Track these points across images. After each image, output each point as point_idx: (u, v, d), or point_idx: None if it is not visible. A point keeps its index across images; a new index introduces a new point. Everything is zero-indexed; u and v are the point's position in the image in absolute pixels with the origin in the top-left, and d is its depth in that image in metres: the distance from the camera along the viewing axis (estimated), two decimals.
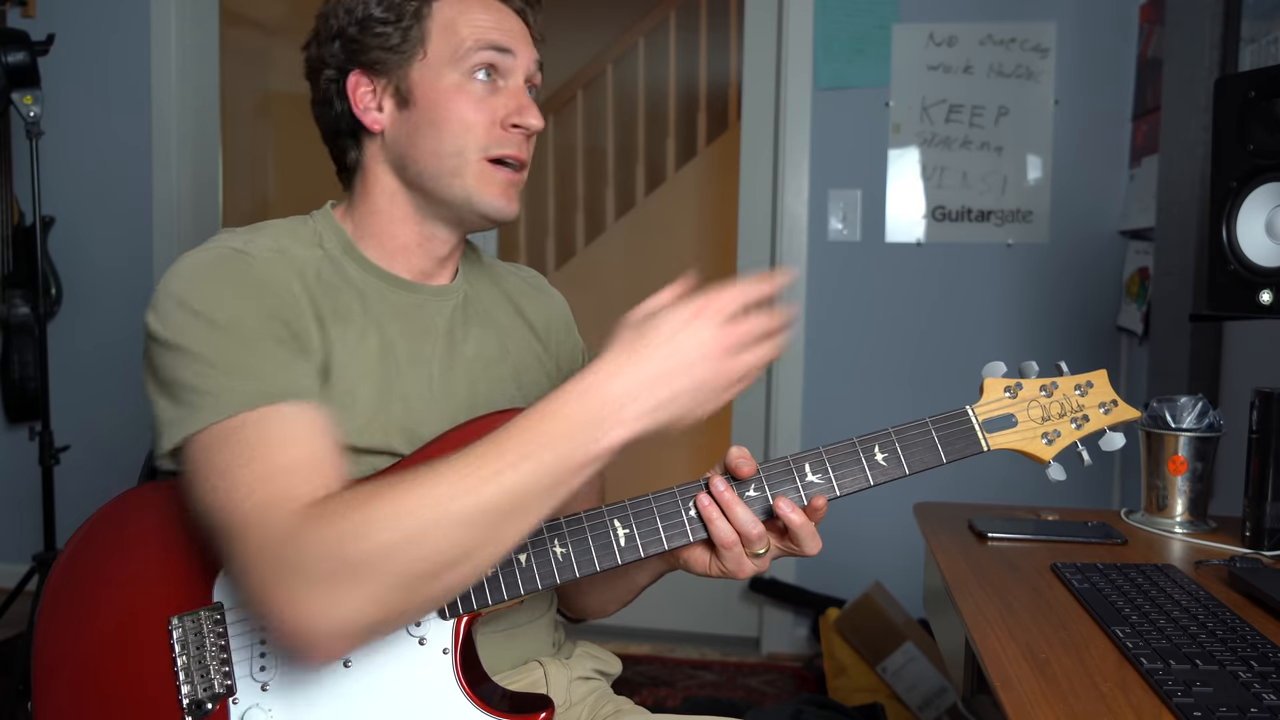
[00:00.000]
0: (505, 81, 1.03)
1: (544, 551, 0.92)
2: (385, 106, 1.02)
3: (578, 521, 0.92)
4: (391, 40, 1.00)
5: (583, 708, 1.10)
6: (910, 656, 2.30)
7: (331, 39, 1.03)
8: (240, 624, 0.91)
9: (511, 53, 1.02)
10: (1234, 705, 0.76)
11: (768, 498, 0.93)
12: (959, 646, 1.16)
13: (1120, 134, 2.60)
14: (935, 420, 0.95)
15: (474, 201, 1.01)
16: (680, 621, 2.96)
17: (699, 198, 4.00)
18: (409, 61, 1.01)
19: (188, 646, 0.90)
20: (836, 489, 0.93)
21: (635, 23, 4.23)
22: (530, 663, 1.08)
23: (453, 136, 1.00)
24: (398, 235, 1.05)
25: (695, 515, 0.93)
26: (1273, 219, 1.25)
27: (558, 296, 1.24)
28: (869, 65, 2.69)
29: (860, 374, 2.76)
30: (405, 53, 1.01)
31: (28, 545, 2.82)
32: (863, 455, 0.93)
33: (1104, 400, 0.98)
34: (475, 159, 1.00)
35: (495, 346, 1.10)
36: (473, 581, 0.85)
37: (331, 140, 1.08)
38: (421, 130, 1.01)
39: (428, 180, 1.02)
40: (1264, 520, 1.25)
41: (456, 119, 1.00)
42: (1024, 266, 2.67)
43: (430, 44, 1.01)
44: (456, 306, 1.09)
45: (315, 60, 1.05)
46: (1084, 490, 2.57)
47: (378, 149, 1.04)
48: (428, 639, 0.91)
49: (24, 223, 2.97)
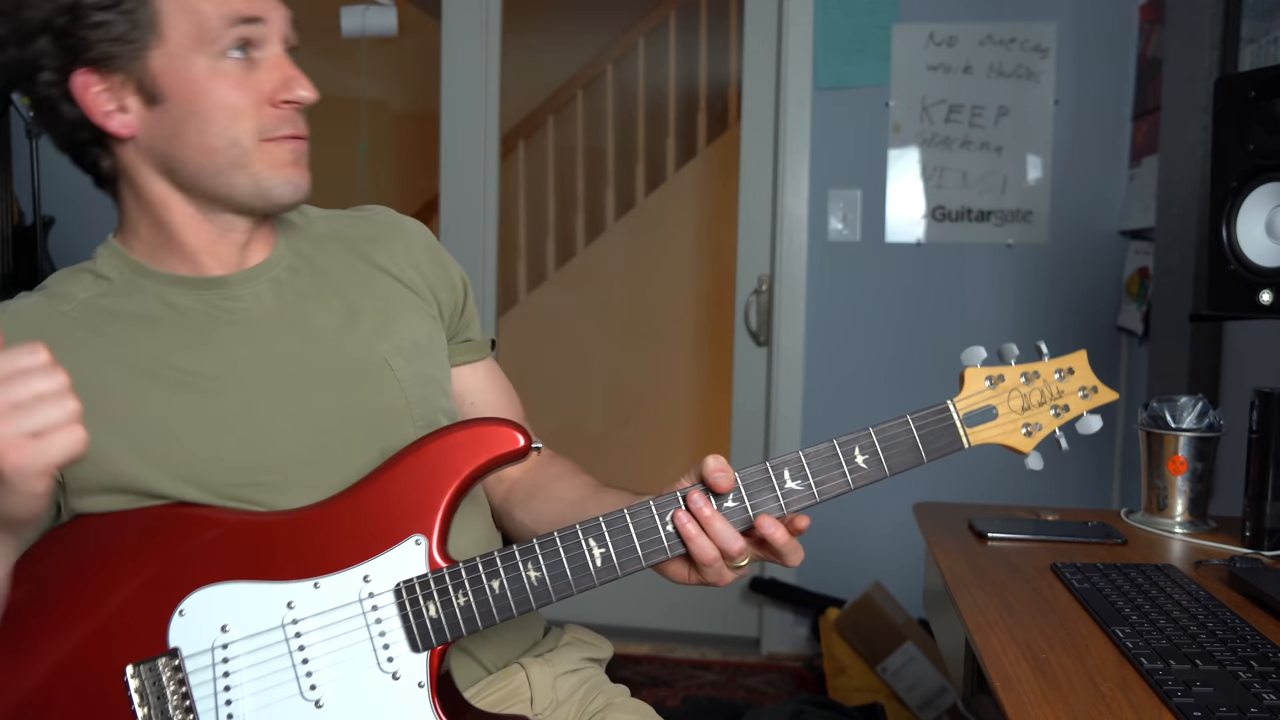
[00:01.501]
0: (261, 52, 0.92)
1: (517, 577, 0.88)
2: (130, 106, 0.91)
3: (551, 543, 0.88)
4: (116, 29, 0.88)
5: (570, 705, 1.05)
6: (910, 656, 2.30)
7: (34, 35, 0.89)
8: (202, 671, 0.87)
9: (262, 20, 0.91)
10: (1234, 705, 0.76)
11: (747, 508, 0.89)
12: (959, 646, 1.15)
13: (1120, 134, 2.60)
14: (915, 416, 0.91)
15: (266, 190, 0.93)
16: (680, 621, 2.96)
17: (699, 198, 4.00)
18: (144, 51, 0.89)
19: (147, 697, 0.86)
20: (816, 495, 0.90)
21: (635, 23, 4.23)
22: (511, 665, 1.05)
23: (222, 128, 0.90)
24: (187, 239, 0.96)
25: (673, 531, 0.88)
26: (1273, 219, 1.25)
27: (412, 229, 1.10)
28: (869, 65, 2.69)
29: (860, 374, 2.76)
30: (137, 41, 0.88)
31: None
32: (843, 459, 0.90)
33: (1084, 385, 0.94)
34: (253, 145, 0.91)
35: (343, 308, 1.00)
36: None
37: (73, 152, 0.96)
38: (182, 126, 0.90)
39: (206, 179, 0.92)
40: (1264, 520, 1.25)
41: (219, 107, 0.90)
42: (1024, 266, 2.67)
43: (166, 26, 0.88)
44: (280, 280, 0.99)
45: (20, 64, 0.90)
46: (1084, 490, 2.57)
47: (134, 154, 0.93)
48: (401, 674, 0.87)
49: (24, 223, 2.97)
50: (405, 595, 0.88)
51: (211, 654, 0.87)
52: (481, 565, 0.88)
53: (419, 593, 0.88)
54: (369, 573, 0.88)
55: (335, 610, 0.88)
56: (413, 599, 0.88)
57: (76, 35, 0.88)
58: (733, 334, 2.92)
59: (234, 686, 0.87)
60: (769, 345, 2.83)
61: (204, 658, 0.87)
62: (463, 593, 0.88)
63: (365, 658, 0.88)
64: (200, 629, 0.87)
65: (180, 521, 0.90)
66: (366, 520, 0.89)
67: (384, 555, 0.89)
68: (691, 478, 0.90)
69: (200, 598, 0.88)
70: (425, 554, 0.89)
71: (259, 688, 0.87)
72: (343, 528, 0.89)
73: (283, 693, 0.87)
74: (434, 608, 0.88)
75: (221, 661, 0.87)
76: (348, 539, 0.89)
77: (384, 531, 0.89)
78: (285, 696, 0.87)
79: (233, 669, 0.87)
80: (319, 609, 0.88)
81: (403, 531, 0.89)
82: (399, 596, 0.88)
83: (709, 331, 3.70)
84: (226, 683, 0.87)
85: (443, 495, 0.90)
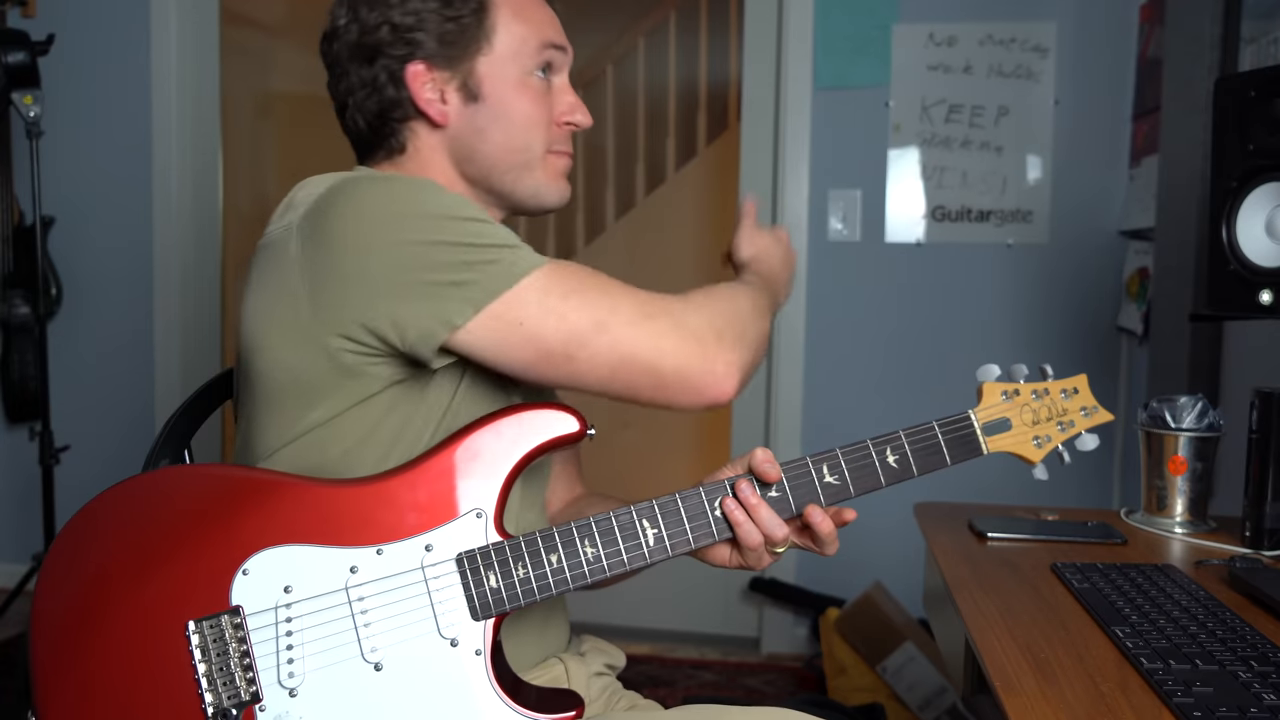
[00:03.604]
0: (556, 78, 1.07)
1: (575, 552, 0.92)
2: (450, 100, 1.02)
3: (607, 521, 0.93)
4: (454, 33, 1.01)
5: (600, 704, 1.11)
6: (910, 656, 2.30)
7: (377, 26, 1.01)
8: (264, 629, 0.88)
9: (564, 50, 1.07)
10: (1234, 705, 0.76)
11: (790, 499, 0.96)
12: (959, 646, 1.15)
13: (1120, 134, 2.60)
14: (941, 423, 1.00)
15: (541, 194, 1.06)
16: (680, 621, 2.96)
17: (699, 198, 4.00)
18: (474, 56, 1.02)
19: (209, 653, 0.87)
20: (852, 490, 0.97)
21: (635, 23, 4.22)
22: (550, 659, 1.09)
23: (521, 132, 1.03)
24: None
25: (721, 516, 0.95)
26: (1273, 219, 1.25)
27: None
28: (869, 65, 2.69)
29: (860, 374, 2.76)
30: (469, 46, 1.01)
31: (28, 545, 2.83)
32: (876, 457, 0.98)
33: (1085, 405, 1.05)
34: (540, 154, 1.04)
35: None
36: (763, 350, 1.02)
37: (377, 124, 1.05)
38: (491, 126, 1.03)
39: (496, 174, 1.04)
40: (1264, 520, 1.25)
41: (523, 115, 1.03)
42: (1024, 267, 2.67)
43: (496, 38, 1.02)
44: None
45: (362, 46, 1.02)
46: (1084, 490, 2.57)
47: (438, 140, 1.04)
48: (459, 640, 0.90)
49: (24, 223, 2.97)
50: (466, 565, 0.91)
51: (275, 613, 0.89)
52: (541, 540, 0.93)
53: (480, 563, 0.91)
54: (431, 542, 0.91)
55: (397, 576, 0.90)
56: (474, 568, 0.91)
57: (421, 31, 1.01)
58: None
59: (295, 646, 0.88)
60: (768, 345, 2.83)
61: (266, 616, 0.88)
62: (522, 565, 0.92)
63: (425, 624, 0.90)
64: (263, 589, 0.89)
65: (247, 485, 0.92)
66: (429, 491, 0.92)
67: (446, 526, 0.92)
68: (735, 468, 0.97)
69: (264, 558, 0.89)
70: (485, 527, 0.92)
71: (320, 648, 0.89)
72: (406, 498, 0.92)
73: (343, 654, 0.89)
74: (494, 578, 0.91)
75: (285, 621, 0.88)
76: (411, 509, 0.92)
77: (446, 503, 0.92)
78: (346, 658, 0.89)
79: (295, 628, 0.88)
80: (381, 574, 0.90)
81: (465, 504, 0.92)
82: (460, 565, 0.91)
83: None
84: (289, 642, 0.88)
85: (503, 471, 0.93)
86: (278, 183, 4.14)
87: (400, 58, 1.01)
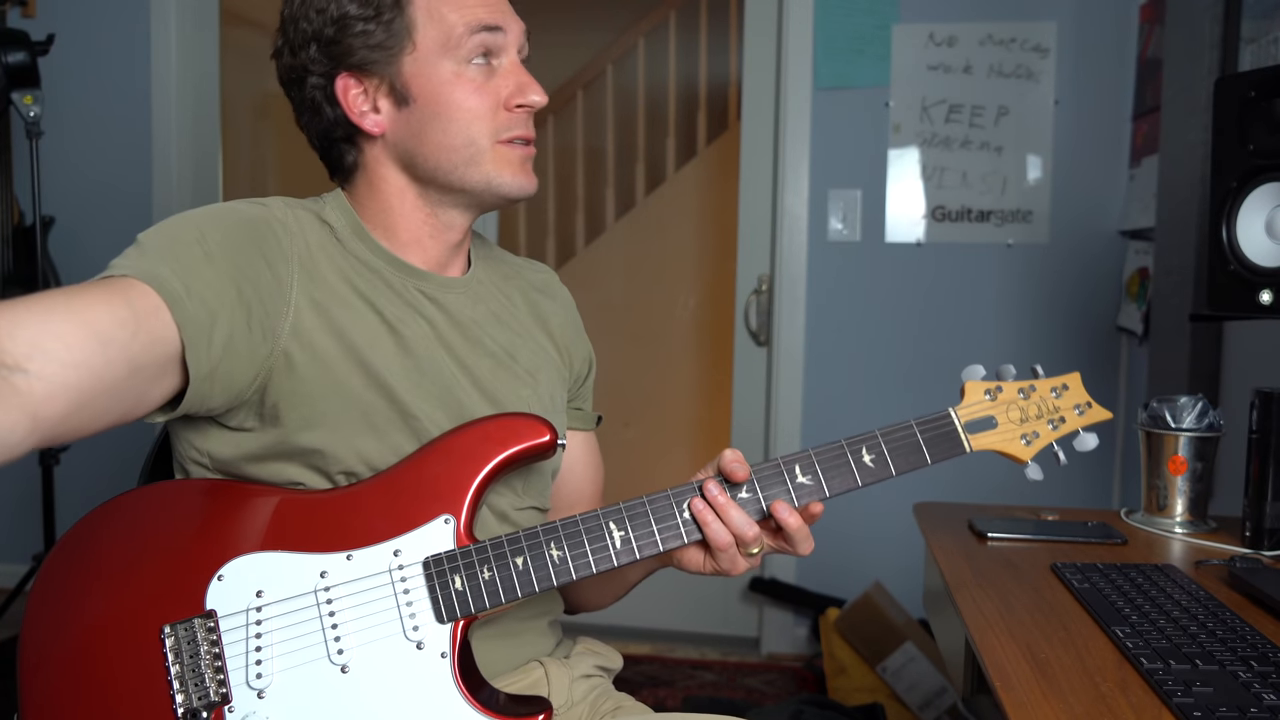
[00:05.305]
0: (499, 60, 1.01)
1: (540, 555, 0.93)
2: (382, 107, 1.00)
3: (573, 524, 0.93)
4: (376, 37, 0.97)
5: (584, 706, 1.10)
6: (910, 656, 2.30)
7: (306, 44, 0.99)
8: (235, 631, 0.90)
9: (502, 30, 1.00)
10: (1234, 705, 0.76)
11: (760, 499, 0.95)
12: (959, 646, 1.15)
13: (1120, 134, 2.60)
14: (919, 422, 0.98)
15: (495, 185, 1.01)
16: (680, 621, 2.96)
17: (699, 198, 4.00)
18: (398, 56, 0.98)
19: (181, 655, 0.89)
20: (826, 490, 0.95)
21: (635, 23, 4.23)
22: (531, 663, 1.08)
23: (461, 127, 0.98)
24: (410, 227, 1.03)
25: (690, 518, 0.94)
26: (1273, 219, 1.25)
27: (566, 296, 1.22)
28: (869, 65, 2.69)
29: (860, 374, 2.76)
30: (392, 48, 0.98)
31: (28, 545, 2.82)
32: (851, 457, 0.96)
33: (1079, 402, 1.02)
34: (488, 145, 0.99)
35: (509, 344, 1.09)
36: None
37: (325, 148, 1.05)
38: (427, 126, 0.99)
39: (442, 174, 1.00)
40: (1264, 520, 1.25)
41: (461, 109, 0.98)
42: (1024, 267, 2.67)
43: (418, 34, 0.98)
44: (472, 300, 1.08)
45: (292, 69, 1.01)
46: (1084, 490, 2.57)
47: (380, 150, 1.02)
48: (425, 643, 0.91)
49: (24, 223, 2.97)
50: (433, 568, 0.92)
51: (245, 615, 0.90)
52: (507, 543, 0.93)
53: (446, 566, 0.92)
54: (399, 547, 0.92)
55: (365, 579, 0.91)
56: (439, 571, 0.92)
57: (342, 43, 0.98)
58: (733, 334, 2.92)
59: (264, 648, 0.90)
60: (769, 345, 2.84)
61: (238, 618, 0.90)
62: (488, 567, 0.92)
63: (392, 626, 0.91)
64: (236, 593, 0.91)
65: (225, 494, 0.95)
66: (400, 499, 0.94)
67: (415, 531, 0.93)
68: (708, 472, 0.97)
69: (239, 564, 0.91)
70: (454, 532, 0.93)
71: (287, 650, 0.90)
72: (377, 505, 0.94)
73: (311, 655, 0.90)
74: (460, 580, 0.92)
75: (254, 624, 0.90)
76: (381, 516, 0.93)
77: (416, 510, 0.93)
78: (313, 659, 0.90)
79: (264, 630, 0.90)
80: (350, 578, 0.91)
81: (434, 511, 0.93)
82: (427, 569, 0.92)
83: (709, 331, 3.70)
84: (258, 644, 0.90)
85: (473, 479, 0.94)
86: (278, 183, 4.14)
87: (327, 74, 0.99)
